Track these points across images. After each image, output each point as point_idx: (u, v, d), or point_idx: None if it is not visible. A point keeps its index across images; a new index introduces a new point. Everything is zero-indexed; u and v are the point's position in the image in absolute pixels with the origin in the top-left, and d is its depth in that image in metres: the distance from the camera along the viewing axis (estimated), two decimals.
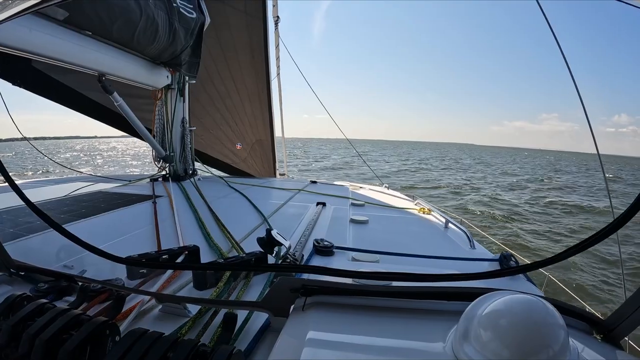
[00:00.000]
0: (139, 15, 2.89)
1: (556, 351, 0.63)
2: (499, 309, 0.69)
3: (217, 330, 0.99)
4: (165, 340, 0.70)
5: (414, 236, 2.46)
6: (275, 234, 1.51)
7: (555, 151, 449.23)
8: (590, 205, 19.05)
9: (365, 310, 0.90)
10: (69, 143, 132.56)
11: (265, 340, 0.98)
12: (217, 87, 5.65)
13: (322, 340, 0.79)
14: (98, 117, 4.47)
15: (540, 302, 0.68)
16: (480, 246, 2.23)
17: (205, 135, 5.50)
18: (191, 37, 3.67)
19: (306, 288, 0.93)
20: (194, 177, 4.26)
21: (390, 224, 2.69)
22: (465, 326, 0.70)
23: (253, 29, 5.92)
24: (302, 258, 1.73)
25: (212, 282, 1.32)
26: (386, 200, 3.64)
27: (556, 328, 0.66)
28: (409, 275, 0.89)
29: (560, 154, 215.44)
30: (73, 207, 2.56)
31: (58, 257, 1.58)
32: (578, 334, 0.86)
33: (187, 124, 4.25)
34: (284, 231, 1.64)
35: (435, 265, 1.76)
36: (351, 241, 2.14)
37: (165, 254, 1.41)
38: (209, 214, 2.55)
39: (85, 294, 1.07)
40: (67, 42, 2.55)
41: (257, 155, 6.65)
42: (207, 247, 1.89)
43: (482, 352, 0.65)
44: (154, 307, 1.15)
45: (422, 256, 1.80)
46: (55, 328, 0.72)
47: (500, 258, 1.82)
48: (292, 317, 0.89)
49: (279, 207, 2.96)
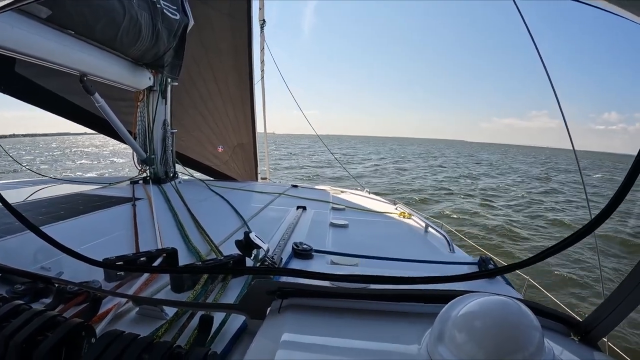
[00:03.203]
0: (122, 16, 2.87)
1: (531, 352, 0.64)
2: (473, 310, 0.69)
3: (194, 333, 0.99)
4: (141, 341, 0.71)
5: (394, 240, 2.49)
6: (253, 237, 1.52)
7: (544, 148, 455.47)
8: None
9: (342, 313, 0.91)
10: (56, 139, 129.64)
11: (242, 343, 0.98)
12: (200, 89, 5.61)
13: (297, 342, 0.79)
14: (79, 121, 4.40)
15: (514, 304, 0.69)
16: (459, 250, 2.26)
17: (187, 138, 5.44)
18: (174, 38, 3.65)
19: (282, 290, 0.93)
20: (175, 180, 4.22)
21: (370, 228, 2.71)
22: (440, 328, 0.71)
23: (237, 31, 5.90)
24: (281, 261, 1.73)
25: (189, 285, 1.32)
26: (367, 204, 3.67)
27: (530, 329, 0.66)
28: (386, 278, 0.90)
29: (553, 150, 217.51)
30: (51, 209, 2.52)
31: (35, 259, 1.56)
32: (555, 335, 0.87)
33: (169, 126, 4.21)
34: (263, 235, 1.65)
35: (414, 268, 1.78)
36: (331, 245, 2.16)
37: (143, 256, 1.41)
38: (189, 217, 2.53)
39: (61, 296, 1.07)
40: (50, 41, 2.52)
41: (239, 158, 6.61)
42: (186, 250, 1.88)
43: (457, 353, 0.65)
44: (130, 309, 1.15)
45: (401, 260, 1.82)
46: (30, 329, 0.72)
47: (479, 262, 1.85)
48: (267, 320, 0.90)
49: (259, 211, 2.96)
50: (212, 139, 6.01)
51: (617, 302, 0.79)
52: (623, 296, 0.78)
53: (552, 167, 54.13)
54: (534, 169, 46.28)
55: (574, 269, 8.48)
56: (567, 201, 20.34)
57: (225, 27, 5.70)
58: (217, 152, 6.09)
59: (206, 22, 5.17)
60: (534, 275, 2.52)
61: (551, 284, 7.21)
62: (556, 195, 22.84)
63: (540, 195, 22.14)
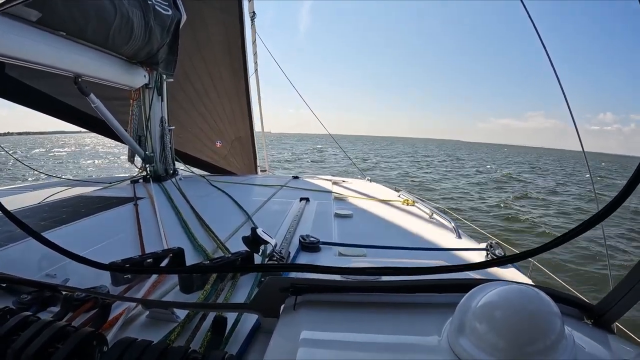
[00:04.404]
0: (113, 15, 2.83)
1: (553, 339, 0.63)
2: (493, 300, 0.69)
3: (207, 335, 0.98)
4: (155, 348, 0.69)
5: (399, 228, 2.48)
6: (260, 233, 1.51)
7: (539, 148, 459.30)
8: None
9: (357, 307, 0.89)
10: (52, 138, 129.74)
11: (257, 342, 0.97)
12: (195, 85, 5.58)
13: (317, 340, 0.78)
14: (75, 122, 4.37)
15: (533, 292, 0.68)
16: (466, 236, 2.26)
17: (184, 134, 5.41)
18: (167, 34, 3.61)
19: (295, 287, 0.92)
20: (175, 177, 4.21)
21: (375, 217, 2.70)
22: (460, 319, 0.70)
23: (229, 24, 5.86)
24: (289, 255, 1.72)
25: (198, 285, 1.30)
26: (369, 193, 3.66)
27: (552, 316, 0.66)
28: (399, 270, 0.89)
29: (547, 150, 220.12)
30: (52, 213, 2.50)
31: (40, 266, 1.54)
32: (569, 320, 0.86)
33: (166, 124, 4.19)
34: (268, 228, 1.64)
35: (422, 256, 1.77)
36: (337, 236, 2.15)
37: (149, 257, 1.40)
38: (192, 214, 2.52)
39: (69, 304, 1.05)
40: (41, 44, 2.48)
41: (237, 152, 6.59)
42: (192, 248, 1.87)
43: (478, 344, 0.65)
44: (140, 313, 1.13)
45: (408, 248, 1.82)
46: (40, 342, 0.70)
47: (486, 247, 1.86)
48: (283, 317, 0.89)
49: (263, 204, 2.95)
50: (209, 134, 5.99)
51: (631, 285, 0.78)
52: (637, 279, 0.77)
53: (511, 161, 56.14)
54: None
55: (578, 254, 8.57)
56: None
57: (217, 20, 5.67)
58: (216, 147, 6.07)
59: (198, 16, 5.12)
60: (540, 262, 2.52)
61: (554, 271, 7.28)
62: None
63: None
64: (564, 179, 31.52)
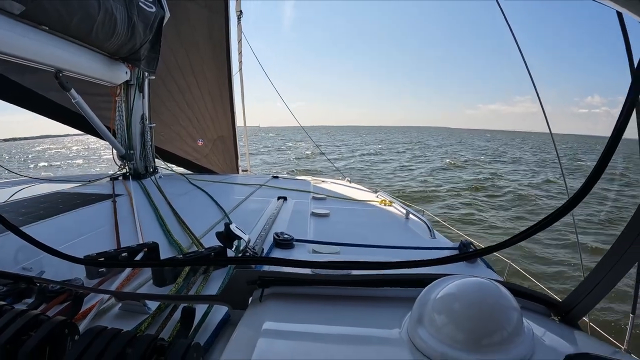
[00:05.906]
0: (97, 10, 2.81)
1: (509, 332, 0.66)
2: (451, 292, 0.71)
3: (176, 326, 1.00)
4: (124, 336, 0.71)
5: (375, 228, 2.52)
6: (234, 228, 1.53)
7: (528, 132, 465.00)
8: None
9: (323, 300, 0.92)
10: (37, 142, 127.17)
11: (225, 334, 0.99)
12: (177, 82, 5.53)
13: (278, 331, 0.81)
14: (56, 117, 4.31)
15: (492, 285, 0.70)
16: (440, 236, 2.30)
17: (166, 132, 5.37)
18: (150, 31, 3.59)
19: (263, 279, 0.94)
20: (155, 175, 4.19)
21: (352, 217, 2.74)
22: (420, 311, 0.73)
23: (214, 22, 5.83)
24: (262, 251, 1.75)
25: (171, 279, 1.34)
26: (348, 193, 3.70)
27: (508, 309, 0.68)
28: (367, 264, 0.91)
29: (537, 134, 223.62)
30: (31, 208, 2.49)
31: (16, 260, 1.55)
32: (536, 316, 0.89)
33: (147, 121, 4.17)
34: (244, 226, 1.66)
35: (396, 255, 1.81)
36: (312, 234, 2.19)
37: (124, 251, 1.42)
38: (170, 211, 2.53)
39: (43, 295, 1.07)
40: (23, 38, 2.46)
41: (219, 151, 6.55)
42: (167, 243, 1.89)
43: (436, 335, 0.67)
44: (113, 305, 1.16)
45: (382, 246, 1.85)
46: (13, 329, 0.72)
47: (459, 246, 1.89)
48: (249, 309, 0.92)
49: (240, 203, 2.97)
50: (191, 132, 5.94)
51: (596, 282, 0.81)
52: (601, 275, 0.79)
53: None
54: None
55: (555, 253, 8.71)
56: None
57: (202, 18, 5.63)
58: (197, 145, 6.03)
59: (183, 13, 5.10)
60: (515, 258, 2.57)
61: (533, 270, 7.39)
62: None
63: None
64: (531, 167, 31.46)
